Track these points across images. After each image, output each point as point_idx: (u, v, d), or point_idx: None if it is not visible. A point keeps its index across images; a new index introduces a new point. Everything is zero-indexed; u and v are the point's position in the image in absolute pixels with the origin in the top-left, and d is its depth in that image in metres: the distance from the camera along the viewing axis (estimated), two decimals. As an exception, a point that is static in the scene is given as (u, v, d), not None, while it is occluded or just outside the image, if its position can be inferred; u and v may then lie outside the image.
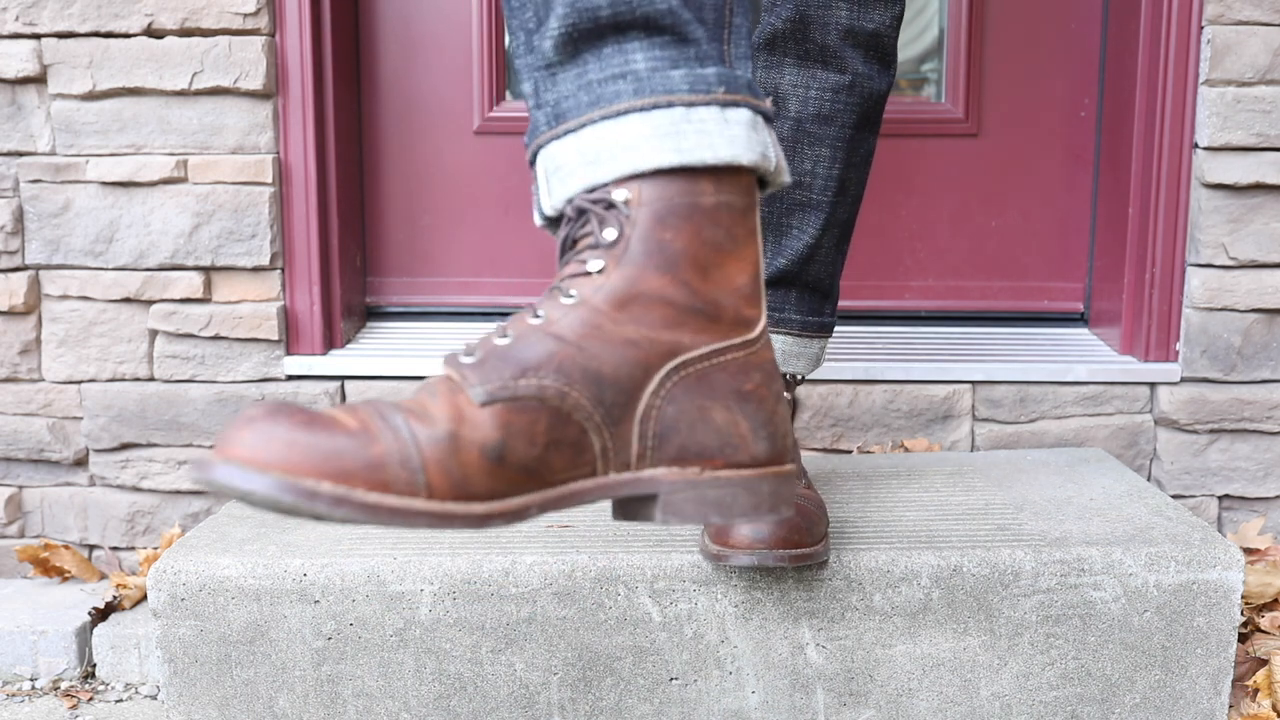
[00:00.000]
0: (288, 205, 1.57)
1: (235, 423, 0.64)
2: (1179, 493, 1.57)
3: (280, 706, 1.12)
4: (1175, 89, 1.51)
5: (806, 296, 1.21)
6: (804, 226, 1.18)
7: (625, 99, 0.72)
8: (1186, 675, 1.11)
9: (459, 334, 1.69)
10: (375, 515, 0.64)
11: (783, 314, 1.20)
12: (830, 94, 1.13)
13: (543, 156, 0.75)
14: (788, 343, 1.20)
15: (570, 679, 1.11)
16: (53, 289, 1.58)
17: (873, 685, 1.11)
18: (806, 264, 1.19)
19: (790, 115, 1.15)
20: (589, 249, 0.73)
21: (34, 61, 1.52)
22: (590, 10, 0.72)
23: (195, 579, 1.11)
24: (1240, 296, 1.52)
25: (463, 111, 1.71)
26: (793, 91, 1.14)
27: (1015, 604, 1.10)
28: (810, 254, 1.18)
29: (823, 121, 1.14)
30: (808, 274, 1.19)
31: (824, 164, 1.16)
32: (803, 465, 1.18)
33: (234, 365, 1.58)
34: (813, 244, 1.18)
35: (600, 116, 0.72)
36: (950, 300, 1.74)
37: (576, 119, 0.73)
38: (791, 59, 1.13)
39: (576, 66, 0.74)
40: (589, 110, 0.73)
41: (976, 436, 1.59)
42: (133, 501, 1.62)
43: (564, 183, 0.73)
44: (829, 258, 1.21)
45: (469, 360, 0.70)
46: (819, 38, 1.12)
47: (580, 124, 0.73)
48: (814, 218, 1.18)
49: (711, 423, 0.72)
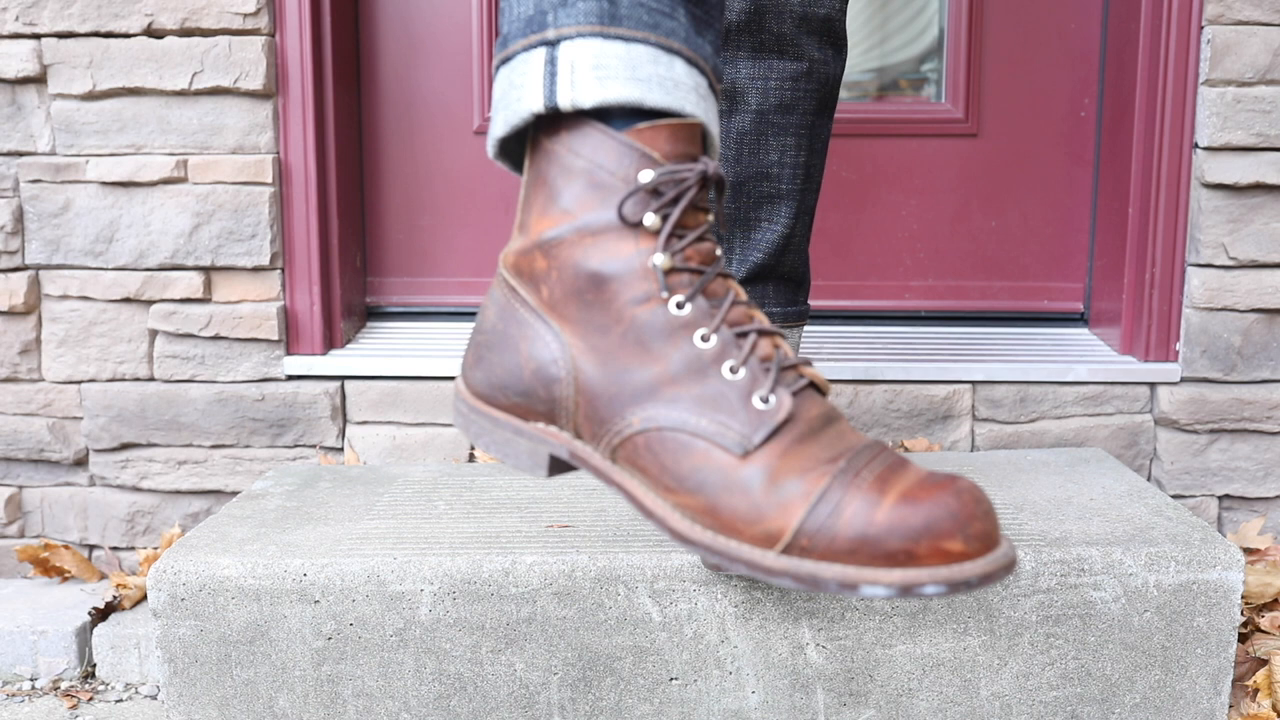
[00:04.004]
0: (288, 205, 1.57)
1: None
2: (1179, 493, 1.57)
3: (280, 706, 1.12)
4: (1175, 89, 1.51)
5: (783, 287, 1.20)
6: (774, 218, 1.17)
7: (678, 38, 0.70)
8: (1186, 675, 1.11)
9: (459, 334, 1.69)
10: None
11: (764, 308, 1.19)
12: (790, 83, 1.13)
13: (574, 46, 0.69)
14: None
15: (570, 679, 1.11)
16: (53, 289, 1.58)
17: (873, 685, 1.11)
18: (782, 255, 1.18)
19: (751, 109, 1.14)
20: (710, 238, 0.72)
21: (34, 61, 1.52)
22: None
23: (195, 579, 1.11)
24: (1240, 296, 1.52)
25: (463, 111, 1.71)
26: (750, 84, 1.13)
27: (1015, 604, 1.10)
28: (784, 244, 1.18)
29: (785, 111, 1.14)
30: (783, 265, 1.19)
31: (790, 153, 1.15)
32: None
33: (234, 365, 1.58)
34: (786, 234, 1.17)
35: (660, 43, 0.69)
36: (950, 300, 1.74)
37: (630, 29, 0.68)
38: (746, 51, 1.12)
39: None
40: (647, 30, 0.69)
41: (976, 436, 1.59)
42: (133, 501, 1.62)
43: (605, 86, 0.68)
44: (801, 246, 1.20)
45: None
46: (774, 27, 1.11)
47: (633, 37, 0.68)
48: (784, 208, 1.17)
49: None
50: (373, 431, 1.61)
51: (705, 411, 0.67)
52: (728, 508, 0.65)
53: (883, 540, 0.61)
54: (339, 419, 1.60)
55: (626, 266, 0.69)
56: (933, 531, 0.60)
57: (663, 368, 0.68)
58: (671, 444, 0.68)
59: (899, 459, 0.66)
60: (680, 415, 0.67)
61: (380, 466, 1.50)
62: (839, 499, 0.62)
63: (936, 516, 0.60)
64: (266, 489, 1.37)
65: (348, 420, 1.61)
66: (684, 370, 0.67)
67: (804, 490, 0.63)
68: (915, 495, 0.61)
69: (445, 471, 1.43)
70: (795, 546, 0.63)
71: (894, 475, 0.64)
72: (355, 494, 1.34)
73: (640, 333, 0.68)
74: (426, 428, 1.60)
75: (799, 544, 0.63)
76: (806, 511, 0.63)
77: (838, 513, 0.62)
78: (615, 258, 0.69)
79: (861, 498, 0.62)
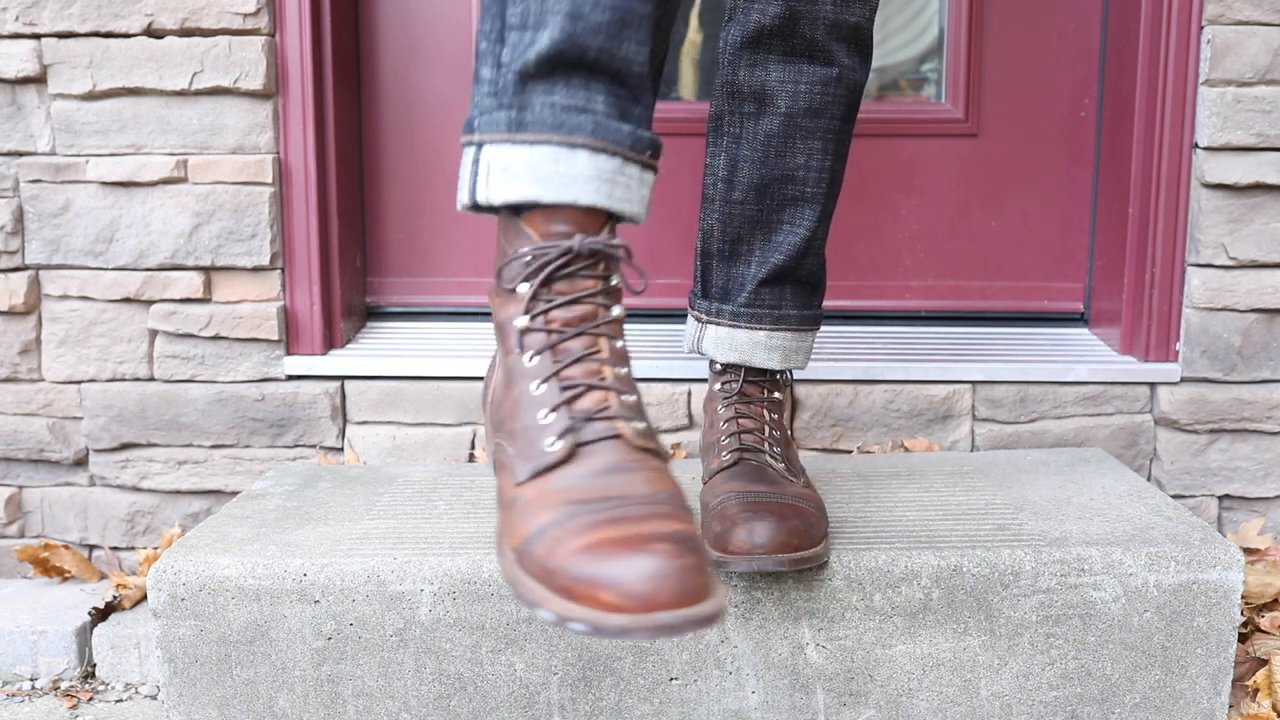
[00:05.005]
0: (288, 205, 1.57)
1: None
2: (1179, 493, 1.57)
3: (280, 706, 1.12)
4: (1175, 89, 1.51)
5: (800, 290, 1.21)
6: (798, 221, 1.18)
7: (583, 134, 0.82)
8: (1186, 675, 1.11)
9: (459, 334, 1.69)
10: None
11: (781, 310, 1.20)
12: (820, 87, 1.14)
13: (490, 150, 0.84)
14: (788, 339, 1.20)
15: (570, 679, 1.11)
16: (53, 289, 1.58)
17: (873, 685, 1.11)
18: (802, 258, 1.19)
19: (780, 111, 1.15)
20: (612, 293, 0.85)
21: (34, 61, 1.52)
22: (578, 46, 0.81)
23: (195, 579, 1.11)
24: (1240, 296, 1.52)
25: (463, 111, 1.71)
26: (780, 87, 1.14)
27: (1015, 604, 1.10)
28: (806, 247, 1.19)
29: (814, 115, 1.15)
30: (802, 268, 1.20)
31: (817, 156, 1.16)
32: (801, 464, 1.18)
33: (234, 365, 1.58)
34: (809, 237, 1.18)
35: (559, 141, 0.82)
36: (950, 300, 1.74)
37: (535, 133, 0.83)
38: (777, 55, 1.14)
39: (545, 85, 0.83)
40: (550, 131, 0.82)
41: (976, 436, 1.59)
42: (133, 501, 1.62)
43: (508, 186, 0.83)
44: (820, 250, 1.21)
45: None
46: (807, 32, 1.12)
47: (537, 140, 0.82)
48: (809, 211, 1.18)
49: None
50: (373, 431, 1.61)
51: (517, 444, 0.82)
52: (502, 519, 0.82)
53: (556, 575, 0.72)
54: (339, 419, 1.60)
55: (508, 321, 0.85)
56: (591, 581, 0.70)
57: (511, 404, 0.84)
58: (500, 462, 0.85)
59: (666, 514, 0.75)
60: (506, 444, 0.84)
61: (380, 466, 1.50)
62: (550, 532, 0.74)
63: (603, 570, 0.70)
64: (266, 489, 1.37)
65: (348, 420, 1.61)
66: (518, 409, 0.83)
67: (535, 518, 0.76)
68: (604, 547, 0.71)
69: (445, 471, 1.43)
70: (520, 560, 0.76)
71: (616, 526, 0.72)
72: (355, 494, 1.34)
73: (508, 373, 0.85)
74: (426, 428, 1.60)
75: (521, 559, 0.76)
76: (527, 535, 0.76)
77: (541, 542, 0.74)
78: (504, 314, 0.86)
79: (562, 536, 0.73)
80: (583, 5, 0.81)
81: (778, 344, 1.19)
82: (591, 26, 0.81)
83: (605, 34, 0.82)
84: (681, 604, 0.69)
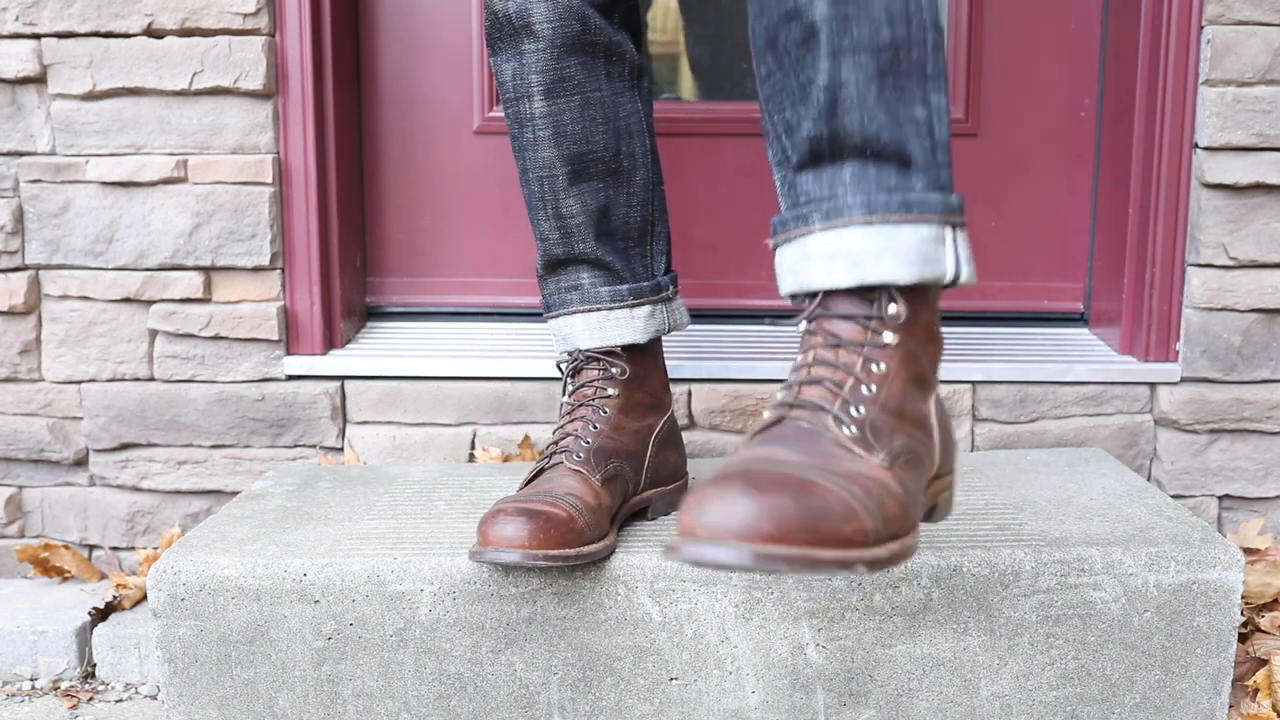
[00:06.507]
0: (288, 205, 1.57)
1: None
2: (1179, 493, 1.57)
3: (280, 706, 1.12)
4: (1175, 89, 1.51)
5: (869, 165, 0.88)
6: (811, 70, 0.88)
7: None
8: (1186, 675, 1.11)
9: (459, 334, 1.69)
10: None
11: (840, 198, 0.88)
12: None
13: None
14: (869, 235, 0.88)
15: (570, 679, 1.11)
16: (53, 289, 1.58)
17: (873, 685, 1.11)
18: (835, 114, 0.87)
19: None
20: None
21: (34, 61, 1.52)
22: None
23: (195, 579, 1.11)
24: (1240, 296, 1.52)
25: (463, 111, 1.71)
26: None
27: (1015, 604, 1.10)
28: (834, 101, 0.87)
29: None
30: (847, 128, 0.87)
31: None
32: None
33: (234, 365, 1.58)
34: (829, 85, 0.86)
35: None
36: (950, 300, 1.74)
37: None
38: None
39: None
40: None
41: (976, 436, 1.59)
42: (133, 501, 1.62)
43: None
44: (865, 98, 0.86)
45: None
46: None
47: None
48: (820, 46, 0.87)
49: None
50: (373, 431, 1.61)
51: None
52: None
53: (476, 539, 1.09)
54: (339, 419, 1.60)
55: None
56: (481, 534, 1.06)
57: None
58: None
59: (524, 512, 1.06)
60: None
61: (380, 466, 1.50)
62: (488, 519, 1.06)
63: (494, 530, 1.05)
64: (266, 489, 1.37)
65: (348, 420, 1.61)
66: None
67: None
68: (483, 524, 1.06)
69: (445, 471, 1.43)
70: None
71: (495, 518, 1.05)
72: (355, 494, 1.34)
73: None
74: (426, 428, 1.60)
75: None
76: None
77: (489, 523, 1.06)
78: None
79: (491, 519, 1.06)
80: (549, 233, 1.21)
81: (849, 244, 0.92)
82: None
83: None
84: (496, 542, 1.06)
